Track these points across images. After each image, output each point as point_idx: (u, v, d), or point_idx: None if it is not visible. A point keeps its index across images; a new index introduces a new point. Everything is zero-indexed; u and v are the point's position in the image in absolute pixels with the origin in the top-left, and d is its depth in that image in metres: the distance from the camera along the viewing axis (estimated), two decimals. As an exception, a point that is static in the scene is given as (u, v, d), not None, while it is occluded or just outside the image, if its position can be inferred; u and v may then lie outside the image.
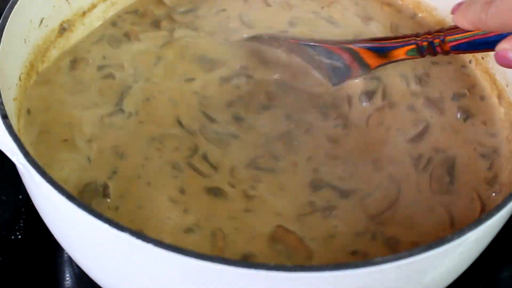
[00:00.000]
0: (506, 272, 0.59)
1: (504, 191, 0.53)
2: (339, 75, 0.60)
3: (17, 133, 0.44)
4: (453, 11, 0.51)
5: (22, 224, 0.59)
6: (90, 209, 0.39)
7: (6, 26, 0.51)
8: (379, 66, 0.58)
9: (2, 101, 0.46)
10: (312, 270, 0.37)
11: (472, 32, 0.51)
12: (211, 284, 0.39)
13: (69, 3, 0.61)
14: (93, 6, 0.64)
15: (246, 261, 0.37)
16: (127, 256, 0.41)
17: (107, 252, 0.43)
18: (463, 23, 0.49)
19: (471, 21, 0.48)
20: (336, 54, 0.60)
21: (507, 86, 0.59)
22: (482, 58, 0.62)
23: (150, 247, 0.37)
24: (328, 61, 0.60)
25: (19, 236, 0.58)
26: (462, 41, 0.52)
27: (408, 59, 0.57)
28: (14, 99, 0.52)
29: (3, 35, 0.50)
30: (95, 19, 0.65)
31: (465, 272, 0.48)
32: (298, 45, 0.62)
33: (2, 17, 0.51)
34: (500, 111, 0.59)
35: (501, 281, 0.59)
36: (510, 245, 0.59)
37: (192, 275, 0.39)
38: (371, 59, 0.58)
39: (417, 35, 0.55)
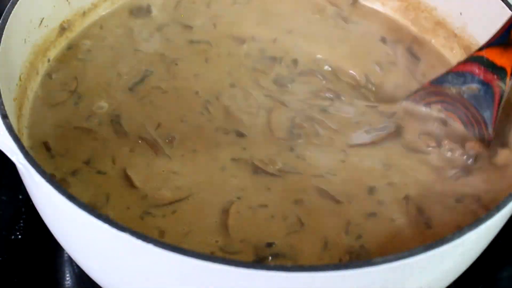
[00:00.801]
0: (506, 272, 0.59)
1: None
2: (483, 103, 0.49)
3: (17, 133, 0.44)
4: None
5: (22, 224, 0.59)
6: (90, 209, 0.39)
7: (6, 26, 0.51)
8: None
9: (2, 101, 0.46)
10: (312, 270, 0.37)
11: None
12: (211, 284, 0.39)
13: (69, 3, 0.61)
14: (94, 6, 0.64)
15: (246, 261, 0.37)
16: (127, 256, 0.41)
17: (107, 252, 0.43)
18: None
19: None
20: (466, 73, 0.50)
21: None
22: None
23: (150, 247, 0.37)
24: (464, 87, 0.50)
25: (19, 236, 0.58)
26: None
27: None
28: (14, 99, 0.52)
29: (3, 35, 0.50)
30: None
31: (465, 272, 0.48)
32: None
33: (2, 17, 0.51)
34: None
35: (501, 281, 0.59)
36: (510, 245, 0.59)
37: (192, 275, 0.39)
38: (501, 58, 0.46)
39: None
